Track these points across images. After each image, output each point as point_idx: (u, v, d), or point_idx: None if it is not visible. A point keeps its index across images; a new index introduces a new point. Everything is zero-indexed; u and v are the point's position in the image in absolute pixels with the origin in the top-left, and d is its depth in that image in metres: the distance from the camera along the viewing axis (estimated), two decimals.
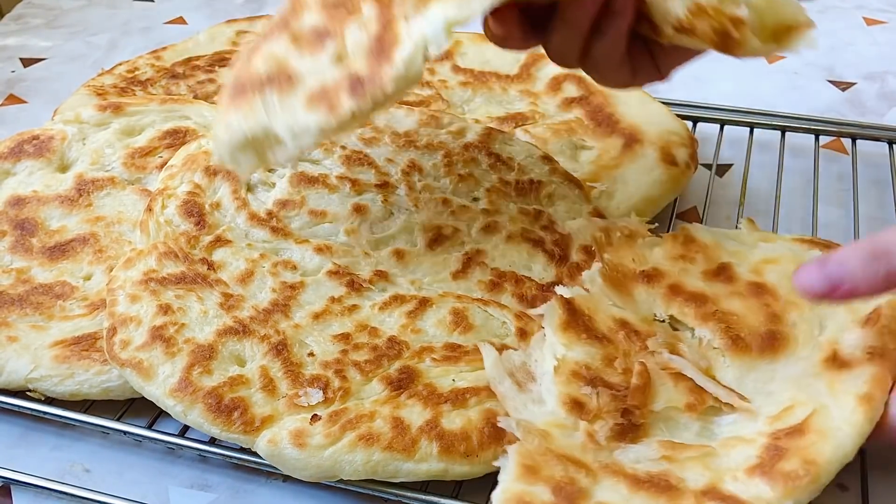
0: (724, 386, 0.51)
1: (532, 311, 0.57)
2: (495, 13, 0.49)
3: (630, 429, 0.48)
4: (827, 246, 0.60)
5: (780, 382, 0.50)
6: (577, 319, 0.54)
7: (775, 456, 0.45)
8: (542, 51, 0.53)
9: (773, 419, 0.48)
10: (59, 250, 0.64)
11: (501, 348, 0.55)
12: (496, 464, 0.49)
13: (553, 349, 0.53)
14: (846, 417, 0.46)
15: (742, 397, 0.50)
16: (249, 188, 0.65)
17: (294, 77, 0.48)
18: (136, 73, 0.85)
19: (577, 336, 0.53)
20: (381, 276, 0.60)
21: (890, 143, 0.79)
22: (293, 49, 0.49)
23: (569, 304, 0.54)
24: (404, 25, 0.45)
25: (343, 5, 0.50)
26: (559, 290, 0.56)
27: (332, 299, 0.58)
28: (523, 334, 0.57)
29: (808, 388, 0.49)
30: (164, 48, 0.89)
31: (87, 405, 0.57)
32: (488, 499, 0.51)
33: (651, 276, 0.57)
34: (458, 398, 0.52)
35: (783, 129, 0.81)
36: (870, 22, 1.03)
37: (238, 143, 0.49)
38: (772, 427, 0.47)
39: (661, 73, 0.54)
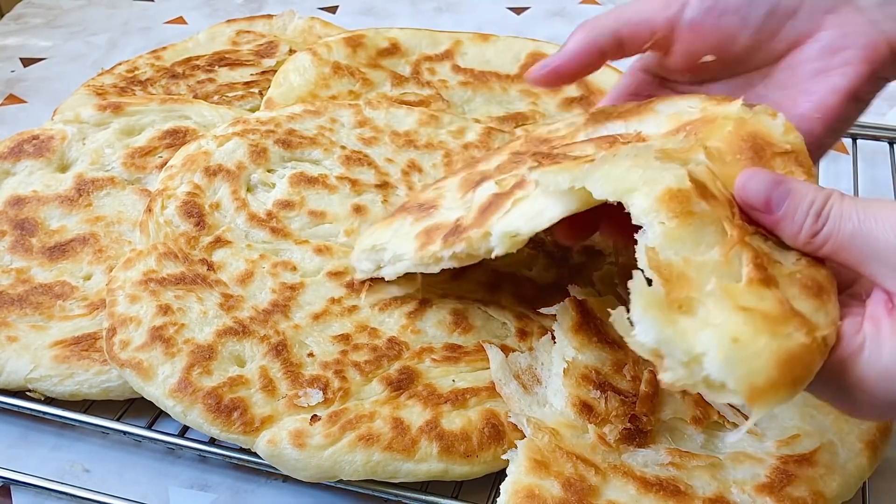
0: (731, 405, 0.51)
1: (544, 310, 0.57)
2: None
3: (637, 434, 0.49)
4: None
5: (784, 408, 0.51)
6: (589, 322, 0.54)
7: (784, 480, 0.47)
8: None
9: (782, 444, 0.49)
10: (59, 250, 0.64)
11: (501, 349, 0.55)
12: (504, 457, 0.49)
13: (563, 351, 0.53)
14: (852, 459, 0.49)
15: (746, 417, 0.50)
16: (249, 189, 0.65)
17: (435, 209, 0.53)
18: (136, 72, 0.85)
19: (588, 339, 0.53)
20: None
21: (890, 143, 0.79)
22: (457, 189, 0.54)
23: (582, 307, 0.54)
24: (512, 199, 0.47)
25: (520, 158, 0.52)
26: (572, 290, 0.56)
27: (332, 300, 0.58)
28: (523, 335, 0.57)
29: (812, 420, 0.51)
30: (164, 48, 0.89)
31: (86, 405, 0.57)
32: (488, 499, 0.51)
33: None
34: (458, 398, 0.52)
35: None
36: None
37: (365, 248, 0.56)
38: (780, 451, 0.49)
39: None
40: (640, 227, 0.38)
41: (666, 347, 0.35)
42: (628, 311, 0.36)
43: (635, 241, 0.38)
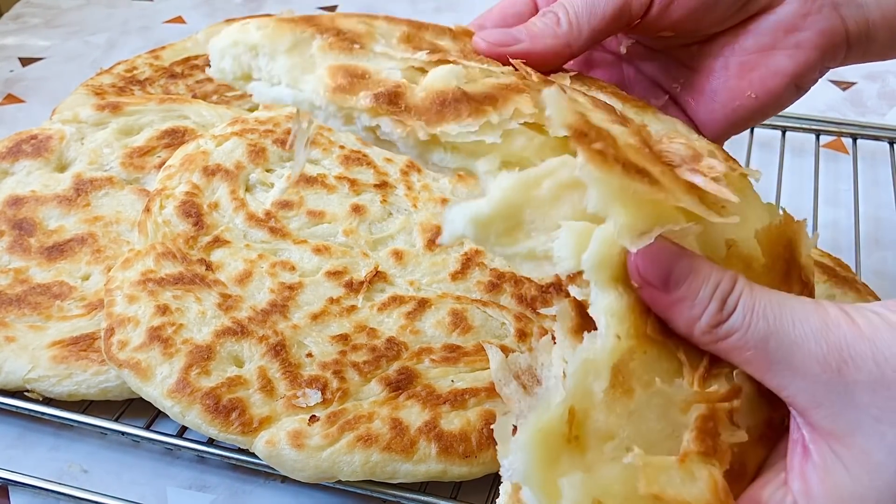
0: None
1: (544, 310, 0.56)
2: None
3: None
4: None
5: None
6: (589, 324, 0.53)
7: None
8: None
9: None
10: (57, 250, 0.64)
11: (501, 349, 0.55)
12: None
13: (563, 353, 0.53)
14: None
15: None
16: (248, 188, 0.65)
17: (359, 48, 0.37)
18: (135, 72, 0.85)
19: None
20: (380, 276, 0.60)
21: (890, 143, 0.79)
22: (401, 36, 0.39)
23: (581, 307, 0.54)
24: (493, 115, 0.34)
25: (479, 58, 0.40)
26: (572, 291, 0.56)
27: (331, 300, 0.58)
28: (522, 335, 0.57)
29: None
30: (163, 47, 0.89)
31: (85, 406, 0.57)
32: (487, 499, 0.51)
33: None
34: (457, 399, 0.52)
35: (783, 129, 0.80)
36: None
37: (240, 45, 0.38)
38: None
39: None
40: None
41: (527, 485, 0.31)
42: None
43: None
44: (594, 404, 0.32)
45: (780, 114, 0.80)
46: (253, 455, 0.51)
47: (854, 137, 0.80)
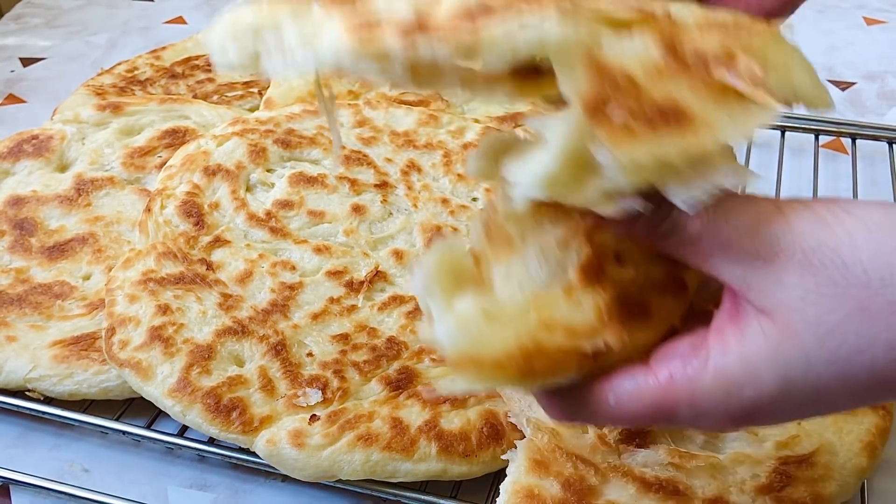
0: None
1: None
2: None
3: (637, 434, 0.49)
4: None
5: None
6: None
7: (783, 481, 0.47)
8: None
9: (781, 445, 0.49)
10: (58, 250, 0.64)
11: None
12: (504, 457, 0.49)
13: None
14: (851, 460, 0.49)
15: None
16: (248, 188, 0.65)
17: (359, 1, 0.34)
18: (136, 72, 0.85)
19: None
20: (380, 276, 0.60)
21: (890, 143, 0.79)
22: None
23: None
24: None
25: None
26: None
27: (331, 300, 0.58)
28: None
29: (811, 421, 0.51)
30: (164, 48, 0.89)
31: (85, 405, 0.57)
32: (487, 499, 0.51)
33: None
34: (457, 399, 0.52)
35: (783, 129, 0.80)
36: (870, 22, 1.03)
37: (238, 30, 0.35)
38: (780, 452, 0.49)
39: None
40: None
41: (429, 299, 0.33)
42: None
43: None
44: (493, 255, 0.34)
45: (779, 113, 0.81)
46: (254, 454, 0.52)
47: (853, 137, 0.80)
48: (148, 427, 0.56)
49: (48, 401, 0.57)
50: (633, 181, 0.31)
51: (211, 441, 0.54)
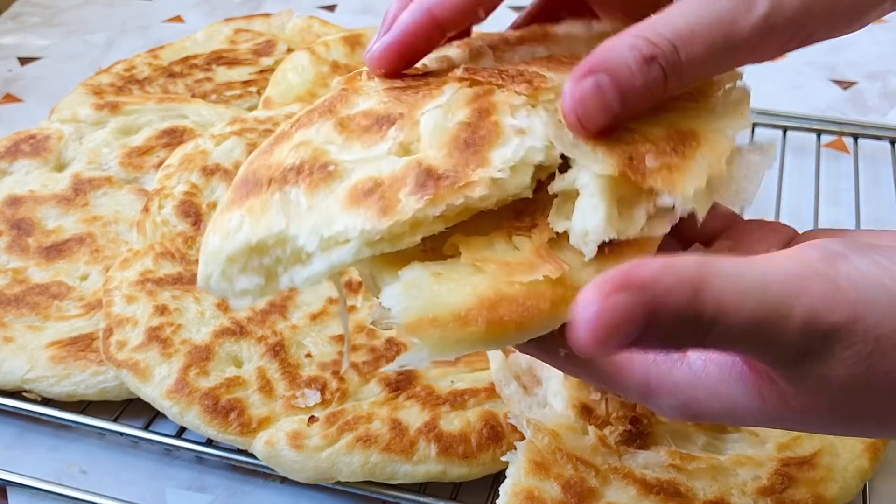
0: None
1: None
2: None
3: (638, 436, 0.49)
4: None
5: None
6: None
7: (785, 483, 0.47)
8: None
9: (783, 447, 0.49)
10: (56, 250, 0.64)
11: (501, 349, 0.55)
12: (504, 459, 0.49)
13: None
14: (853, 461, 0.49)
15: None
16: None
17: (335, 168, 0.32)
18: (134, 71, 0.85)
19: None
20: None
21: (892, 142, 0.79)
22: (338, 136, 0.34)
23: None
24: (508, 118, 0.32)
25: (418, 87, 0.36)
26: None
27: (330, 300, 0.58)
28: None
29: None
30: (162, 47, 0.89)
31: (83, 406, 0.56)
32: (486, 500, 0.51)
33: None
34: (457, 400, 0.52)
35: (784, 129, 0.80)
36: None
37: (236, 254, 0.32)
38: (781, 454, 0.49)
39: None
40: None
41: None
42: None
43: None
44: None
45: (781, 113, 0.81)
46: (252, 455, 0.51)
47: (855, 137, 0.80)
48: (146, 428, 0.55)
49: (46, 402, 0.56)
50: (702, 207, 0.31)
51: (209, 442, 0.53)
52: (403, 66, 0.37)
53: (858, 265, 0.28)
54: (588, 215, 0.30)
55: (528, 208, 0.33)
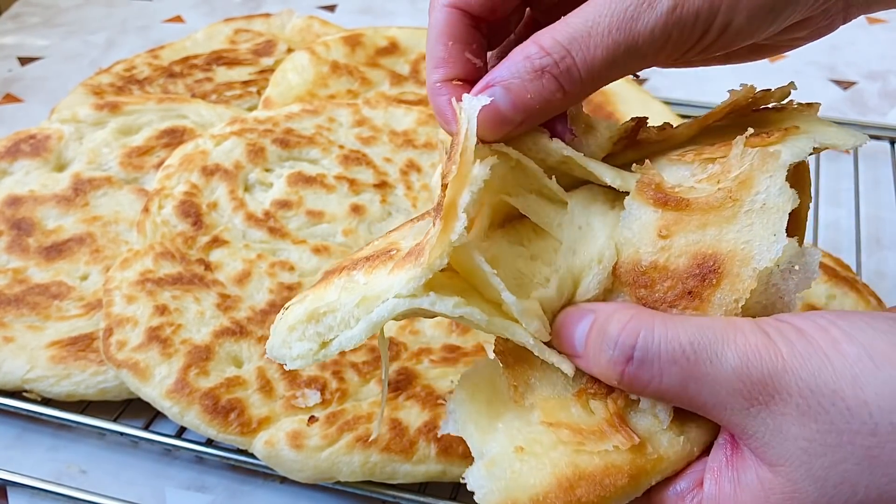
0: None
1: None
2: None
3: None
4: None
5: None
6: None
7: None
8: None
9: None
10: (56, 250, 0.64)
11: None
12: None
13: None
14: None
15: None
16: (247, 188, 0.65)
17: (396, 252, 0.35)
18: (134, 71, 0.85)
19: None
20: None
21: (892, 142, 0.79)
22: (409, 231, 0.38)
23: None
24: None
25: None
26: None
27: None
28: None
29: None
30: (162, 47, 0.89)
31: (83, 406, 0.56)
32: None
33: None
34: None
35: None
36: (871, 21, 1.02)
37: (295, 323, 0.35)
38: None
39: None
40: None
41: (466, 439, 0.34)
42: None
43: None
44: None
45: None
46: (252, 455, 0.51)
47: None
48: (146, 428, 0.55)
49: (46, 402, 0.56)
50: None
51: (209, 442, 0.53)
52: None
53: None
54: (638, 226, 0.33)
55: None
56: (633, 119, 0.36)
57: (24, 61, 0.98)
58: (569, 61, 0.31)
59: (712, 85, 0.88)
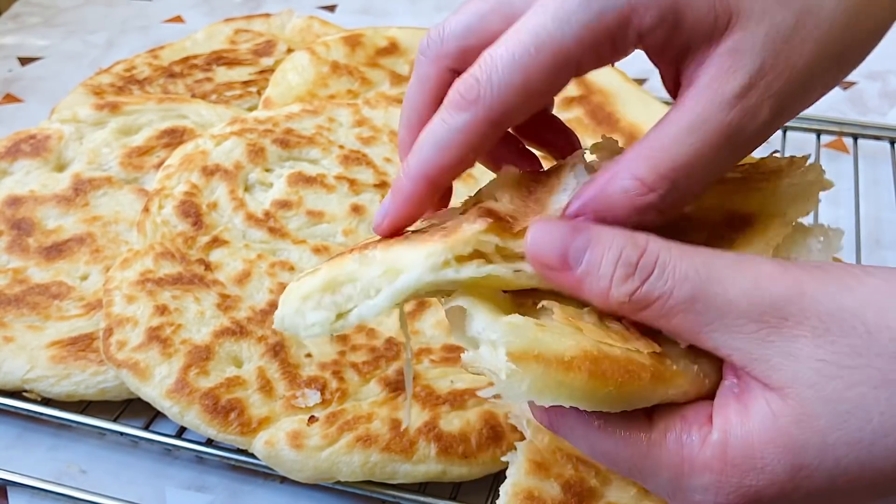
0: None
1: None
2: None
3: None
4: None
5: None
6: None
7: None
8: None
9: None
10: (56, 250, 0.64)
11: None
12: (504, 459, 0.49)
13: None
14: None
15: None
16: (247, 188, 0.65)
17: (410, 233, 0.35)
18: (134, 72, 0.85)
19: None
20: None
21: (892, 143, 0.79)
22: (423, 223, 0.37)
23: None
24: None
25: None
26: None
27: None
28: None
29: None
30: (162, 47, 0.89)
31: (83, 406, 0.56)
32: (486, 500, 0.51)
33: None
34: (457, 400, 0.52)
35: (784, 129, 0.80)
36: None
37: (310, 292, 0.34)
38: None
39: None
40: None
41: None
42: None
43: None
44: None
45: None
46: (252, 455, 0.51)
47: (855, 137, 0.80)
48: (146, 428, 0.55)
49: (46, 402, 0.56)
50: None
51: (209, 442, 0.53)
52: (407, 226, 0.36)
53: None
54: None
55: None
56: None
57: (24, 61, 0.98)
58: (675, 196, 0.30)
59: None
